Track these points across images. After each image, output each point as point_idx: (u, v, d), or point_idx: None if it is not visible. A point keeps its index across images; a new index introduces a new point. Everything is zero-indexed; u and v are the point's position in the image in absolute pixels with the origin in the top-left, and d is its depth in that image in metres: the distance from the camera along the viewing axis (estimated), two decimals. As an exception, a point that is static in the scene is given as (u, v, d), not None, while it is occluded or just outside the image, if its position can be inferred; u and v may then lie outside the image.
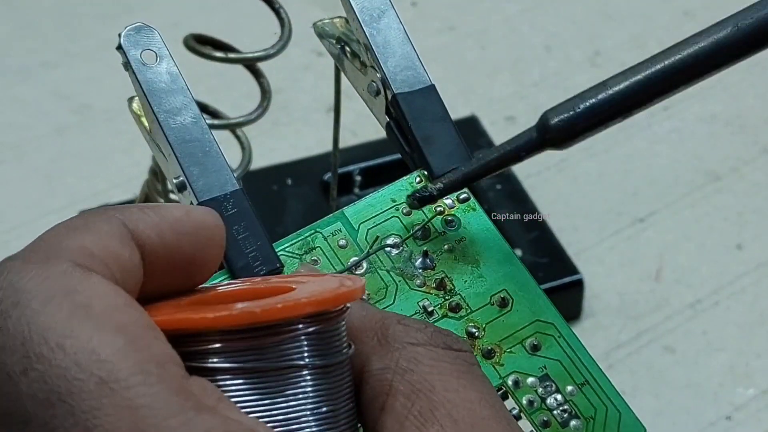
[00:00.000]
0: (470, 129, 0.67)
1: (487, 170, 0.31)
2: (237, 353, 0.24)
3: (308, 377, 0.24)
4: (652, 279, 0.62)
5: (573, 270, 0.60)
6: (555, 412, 0.30)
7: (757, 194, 0.66)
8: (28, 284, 0.22)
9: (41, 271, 0.23)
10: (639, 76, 0.29)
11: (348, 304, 0.26)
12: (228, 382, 0.23)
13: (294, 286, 0.25)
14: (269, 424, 0.23)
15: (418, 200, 0.32)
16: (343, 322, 0.26)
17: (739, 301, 0.61)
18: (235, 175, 0.48)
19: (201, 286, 0.27)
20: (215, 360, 0.24)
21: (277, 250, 0.32)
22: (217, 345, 0.24)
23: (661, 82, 0.29)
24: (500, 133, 0.69)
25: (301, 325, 0.24)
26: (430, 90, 0.35)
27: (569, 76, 0.74)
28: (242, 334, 0.23)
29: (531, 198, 0.63)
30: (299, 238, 0.32)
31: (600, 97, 0.30)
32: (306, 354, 0.24)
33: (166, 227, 0.25)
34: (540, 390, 0.31)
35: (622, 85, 0.29)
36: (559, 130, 0.30)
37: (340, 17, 0.38)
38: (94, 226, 0.24)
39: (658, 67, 0.29)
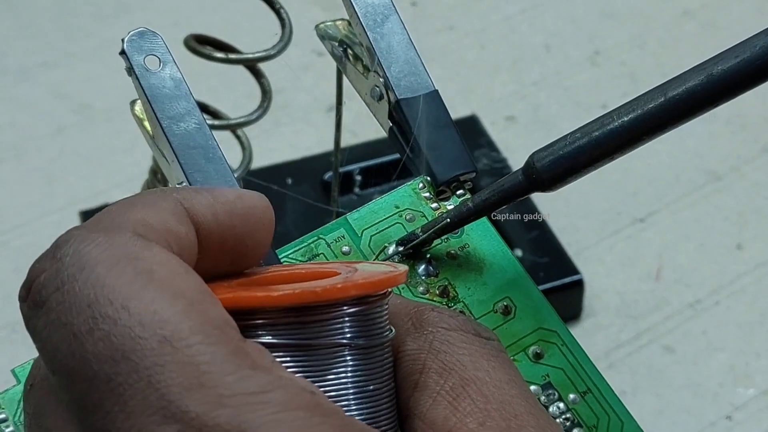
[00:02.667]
0: (470, 129, 0.67)
1: (477, 213, 0.32)
2: (288, 331, 0.25)
3: (358, 356, 0.25)
4: (652, 279, 0.62)
5: (573, 270, 0.60)
6: (558, 420, 0.30)
7: (758, 194, 0.66)
8: (93, 251, 0.23)
9: (105, 239, 0.24)
10: (623, 120, 0.29)
11: (391, 289, 0.27)
12: (278, 360, 0.24)
13: (338, 271, 0.26)
14: None
15: (404, 245, 0.32)
16: (386, 306, 0.27)
17: (739, 301, 0.61)
18: (236, 175, 0.48)
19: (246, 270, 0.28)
20: (267, 337, 0.25)
21: (280, 257, 0.32)
22: (270, 322, 0.25)
23: (645, 125, 0.29)
24: (500, 132, 0.69)
25: (346, 307, 0.25)
26: (434, 96, 0.34)
27: (569, 75, 0.74)
28: (296, 313, 0.25)
29: (531, 198, 0.63)
30: (302, 245, 0.32)
31: (585, 140, 0.30)
32: (352, 334, 0.25)
33: (219, 208, 0.26)
34: (543, 398, 0.30)
35: (607, 128, 0.30)
36: (545, 173, 0.30)
37: (342, 19, 0.38)
38: (152, 202, 0.25)
39: (641, 111, 0.29)
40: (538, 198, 0.63)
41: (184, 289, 0.23)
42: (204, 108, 0.51)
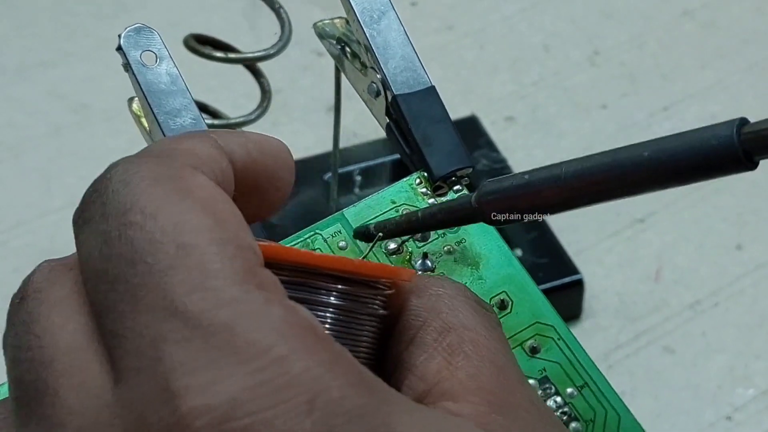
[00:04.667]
0: (470, 129, 0.67)
1: (425, 227, 0.32)
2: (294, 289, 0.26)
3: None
4: (651, 279, 0.62)
5: (573, 270, 0.60)
6: (555, 414, 0.30)
7: (757, 194, 0.66)
8: (140, 169, 0.24)
9: (154, 161, 0.25)
10: (567, 170, 0.29)
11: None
12: None
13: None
14: None
15: (358, 235, 0.33)
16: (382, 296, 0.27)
17: (738, 302, 0.61)
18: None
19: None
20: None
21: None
22: (291, 280, 0.26)
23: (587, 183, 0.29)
24: (500, 133, 0.69)
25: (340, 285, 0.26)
26: (430, 91, 0.35)
27: (568, 75, 0.74)
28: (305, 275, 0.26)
29: (530, 198, 0.63)
30: (299, 240, 0.32)
31: (530, 185, 0.30)
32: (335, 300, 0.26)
33: (252, 146, 0.28)
34: (540, 393, 0.30)
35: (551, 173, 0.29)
36: (487, 206, 0.30)
37: (340, 18, 0.38)
38: (194, 137, 0.27)
39: (586, 165, 0.29)
40: (537, 198, 0.63)
41: (218, 210, 0.24)
42: (203, 107, 0.51)
